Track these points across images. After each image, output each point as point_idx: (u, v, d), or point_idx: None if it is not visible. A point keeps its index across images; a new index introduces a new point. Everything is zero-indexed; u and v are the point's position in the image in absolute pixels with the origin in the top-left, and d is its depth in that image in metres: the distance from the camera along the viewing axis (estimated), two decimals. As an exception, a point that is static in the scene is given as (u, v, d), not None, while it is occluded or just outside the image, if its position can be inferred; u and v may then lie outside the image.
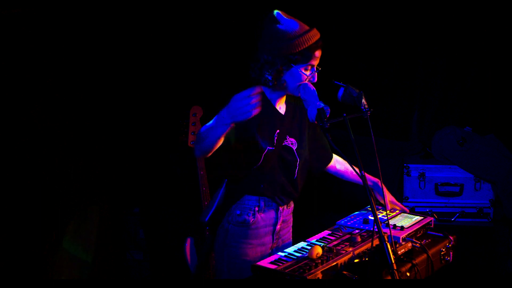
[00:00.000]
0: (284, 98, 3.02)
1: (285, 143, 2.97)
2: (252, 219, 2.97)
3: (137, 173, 4.92)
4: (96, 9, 4.45)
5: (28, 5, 4.02)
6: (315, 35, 2.83)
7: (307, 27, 2.86)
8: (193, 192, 3.97)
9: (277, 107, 2.99)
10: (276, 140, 2.93)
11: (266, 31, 2.86)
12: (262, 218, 3.00)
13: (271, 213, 3.02)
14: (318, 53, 2.86)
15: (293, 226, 3.25)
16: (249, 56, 2.92)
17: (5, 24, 3.93)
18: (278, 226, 3.06)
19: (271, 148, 2.91)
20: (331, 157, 3.33)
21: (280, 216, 3.05)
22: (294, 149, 3.00)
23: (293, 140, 3.00)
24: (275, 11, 2.88)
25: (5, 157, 3.98)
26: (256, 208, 2.98)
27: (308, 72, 2.86)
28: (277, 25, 2.85)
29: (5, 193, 3.97)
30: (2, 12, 3.89)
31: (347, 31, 4.80)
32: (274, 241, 3.07)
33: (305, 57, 2.82)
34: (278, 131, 2.95)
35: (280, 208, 3.04)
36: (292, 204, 3.15)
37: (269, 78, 2.86)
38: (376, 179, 3.29)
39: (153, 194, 4.95)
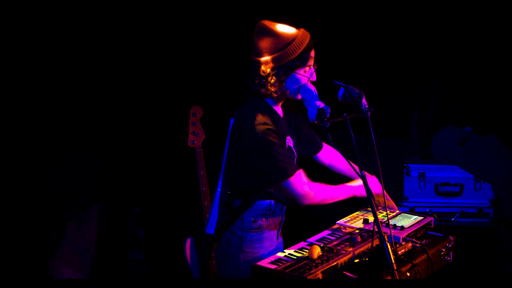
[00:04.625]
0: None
1: (286, 143, 2.98)
2: (266, 223, 3.00)
3: (137, 173, 4.92)
4: (96, 9, 4.45)
5: (28, 5, 4.02)
6: (306, 36, 2.85)
7: (296, 30, 2.86)
8: (193, 192, 3.97)
9: (277, 111, 3.00)
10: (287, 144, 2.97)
11: (259, 44, 2.85)
12: (273, 221, 3.03)
13: (279, 214, 3.06)
14: (312, 53, 2.88)
15: (293, 226, 3.26)
16: (246, 68, 2.92)
17: (5, 24, 3.94)
18: (282, 224, 3.11)
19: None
20: (321, 146, 3.32)
21: (284, 215, 3.10)
22: (292, 146, 3.01)
23: (289, 137, 3.01)
24: (261, 22, 2.87)
25: (5, 157, 3.98)
26: (268, 212, 2.99)
27: (307, 73, 2.87)
28: (269, 37, 2.84)
29: (5, 193, 3.97)
30: (2, 12, 3.89)
31: (347, 31, 4.80)
32: (278, 239, 3.12)
33: (303, 60, 2.84)
34: (284, 134, 2.97)
35: (285, 206, 3.08)
36: None
37: (272, 89, 2.86)
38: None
39: (153, 194, 4.95)
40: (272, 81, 2.84)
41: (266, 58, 2.82)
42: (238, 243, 2.99)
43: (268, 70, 2.82)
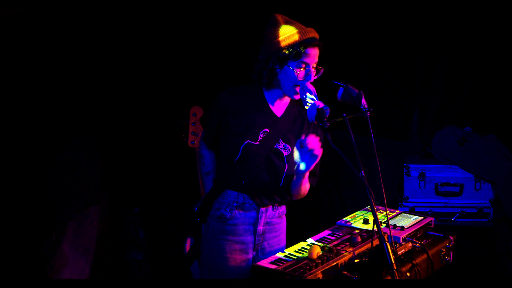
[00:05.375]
0: (284, 101, 3.01)
1: (276, 146, 2.95)
2: (229, 215, 2.98)
3: (137, 173, 4.92)
4: (97, 9, 4.45)
5: (28, 5, 4.02)
6: (307, 32, 2.85)
7: (303, 27, 2.87)
8: (193, 192, 3.97)
9: (273, 108, 2.98)
10: (262, 138, 2.92)
11: (264, 33, 2.91)
12: (241, 215, 2.98)
13: (251, 212, 3.00)
14: (311, 51, 2.84)
15: (293, 226, 3.22)
16: (251, 59, 2.94)
17: (5, 24, 3.94)
18: (261, 227, 3.02)
19: (252, 142, 2.90)
20: None
21: (261, 217, 3.01)
22: (285, 154, 2.97)
23: (286, 145, 2.98)
24: (274, 14, 2.90)
25: (6, 157, 3.98)
26: (235, 204, 2.97)
27: (301, 70, 2.85)
28: (272, 27, 2.88)
29: (5, 193, 3.97)
30: (2, 12, 3.89)
31: (348, 31, 4.80)
32: (257, 243, 3.03)
33: (295, 54, 2.82)
34: (267, 130, 2.93)
35: (262, 208, 3.01)
36: (280, 208, 3.08)
37: (265, 78, 2.88)
38: None
39: (153, 194, 4.95)
40: (264, 69, 2.88)
41: (264, 45, 2.89)
42: (205, 230, 3.04)
43: (264, 57, 2.88)
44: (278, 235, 3.10)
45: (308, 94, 2.76)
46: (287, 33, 2.83)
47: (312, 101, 2.73)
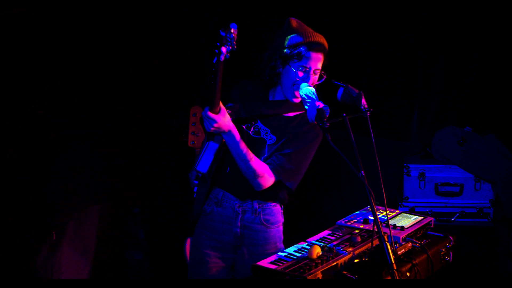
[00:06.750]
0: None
1: (263, 135, 2.98)
2: (209, 209, 3.05)
3: (137, 173, 4.91)
4: (97, 9, 4.45)
5: (28, 5, 4.02)
6: (313, 36, 2.86)
7: (311, 31, 2.90)
8: (193, 192, 3.97)
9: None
10: (251, 126, 2.97)
11: (276, 34, 2.95)
12: (218, 212, 3.03)
13: (228, 210, 3.02)
14: (313, 55, 2.85)
15: (293, 226, 3.21)
16: (251, 59, 2.96)
17: (5, 24, 3.94)
18: (238, 230, 3.02)
19: (243, 126, 2.97)
20: None
21: (237, 217, 3.01)
22: (268, 143, 2.98)
23: (273, 137, 2.98)
24: (289, 18, 2.94)
25: (6, 157, 3.98)
26: (215, 200, 3.04)
27: (301, 73, 2.86)
28: (284, 29, 2.92)
29: (5, 192, 3.97)
30: (2, 12, 3.89)
31: (348, 31, 4.80)
32: (236, 245, 3.03)
33: (296, 55, 2.84)
34: (257, 119, 2.98)
35: (238, 208, 3.01)
36: (264, 215, 3.03)
37: (267, 76, 2.91)
38: None
39: (153, 194, 4.95)
40: (267, 67, 2.91)
41: (271, 44, 2.93)
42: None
43: (269, 55, 2.91)
44: (262, 244, 3.04)
45: (306, 90, 2.77)
46: (293, 34, 2.86)
47: (313, 96, 2.74)
